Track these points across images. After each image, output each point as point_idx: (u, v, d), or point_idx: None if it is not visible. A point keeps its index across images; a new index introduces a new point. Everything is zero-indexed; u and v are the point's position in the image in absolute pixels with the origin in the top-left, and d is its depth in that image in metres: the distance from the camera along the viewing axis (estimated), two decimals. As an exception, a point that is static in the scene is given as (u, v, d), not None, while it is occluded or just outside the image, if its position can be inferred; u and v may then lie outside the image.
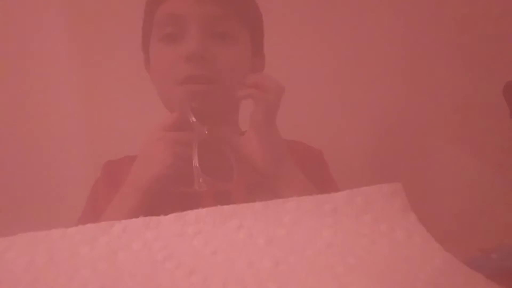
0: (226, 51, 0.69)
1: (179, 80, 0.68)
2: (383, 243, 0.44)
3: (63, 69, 0.94)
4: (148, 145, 0.65)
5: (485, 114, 0.89)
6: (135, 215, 0.48)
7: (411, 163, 0.94)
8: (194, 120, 0.64)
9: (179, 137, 0.64)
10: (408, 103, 0.96)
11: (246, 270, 0.41)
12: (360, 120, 0.96)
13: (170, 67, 0.69)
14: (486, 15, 0.90)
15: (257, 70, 0.75)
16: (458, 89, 0.92)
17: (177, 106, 0.69)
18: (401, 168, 0.93)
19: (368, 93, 0.96)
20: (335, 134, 0.94)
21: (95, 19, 0.94)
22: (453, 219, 0.87)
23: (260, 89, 0.65)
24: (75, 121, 0.94)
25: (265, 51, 0.76)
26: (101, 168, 0.73)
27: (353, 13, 0.97)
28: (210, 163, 0.66)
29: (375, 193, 0.47)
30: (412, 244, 0.44)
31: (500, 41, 0.88)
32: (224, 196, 0.66)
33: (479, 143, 0.90)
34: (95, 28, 0.94)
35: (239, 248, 0.43)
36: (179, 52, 0.67)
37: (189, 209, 0.47)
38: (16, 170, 0.92)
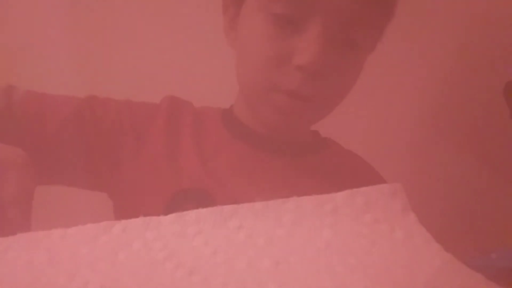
0: (344, 64, 0.56)
1: (276, 83, 0.55)
2: (383, 243, 0.44)
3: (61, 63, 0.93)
4: None
5: (485, 114, 0.89)
6: None
7: (411, 163, 0.94)
8: None
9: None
10: (408, 103, 0.96)
11: (246, 270, 0.41)
12: (360, 120, 0.96)
13: (273, 59, 0.55)
14: (486, 15, 0.90)
15: None
16: (458, 88, 0.92)
17: (256, 101, 0.59)
18: (401, 168, 0.93)
19: (367, 92, 0.96)
20: (335, 134, 0.94)
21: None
22: (453, 219, 0.87)
23: None
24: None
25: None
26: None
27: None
28: None
29: (375, 193, 0.47)
30: (412, 244, 0.44)
31: (500, 41, 0.88)
32: None
33: (479, 143, 0.90)
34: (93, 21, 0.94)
35: (239, 248, 0.43)
36: (291, 48, 0.54)
37: None
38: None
